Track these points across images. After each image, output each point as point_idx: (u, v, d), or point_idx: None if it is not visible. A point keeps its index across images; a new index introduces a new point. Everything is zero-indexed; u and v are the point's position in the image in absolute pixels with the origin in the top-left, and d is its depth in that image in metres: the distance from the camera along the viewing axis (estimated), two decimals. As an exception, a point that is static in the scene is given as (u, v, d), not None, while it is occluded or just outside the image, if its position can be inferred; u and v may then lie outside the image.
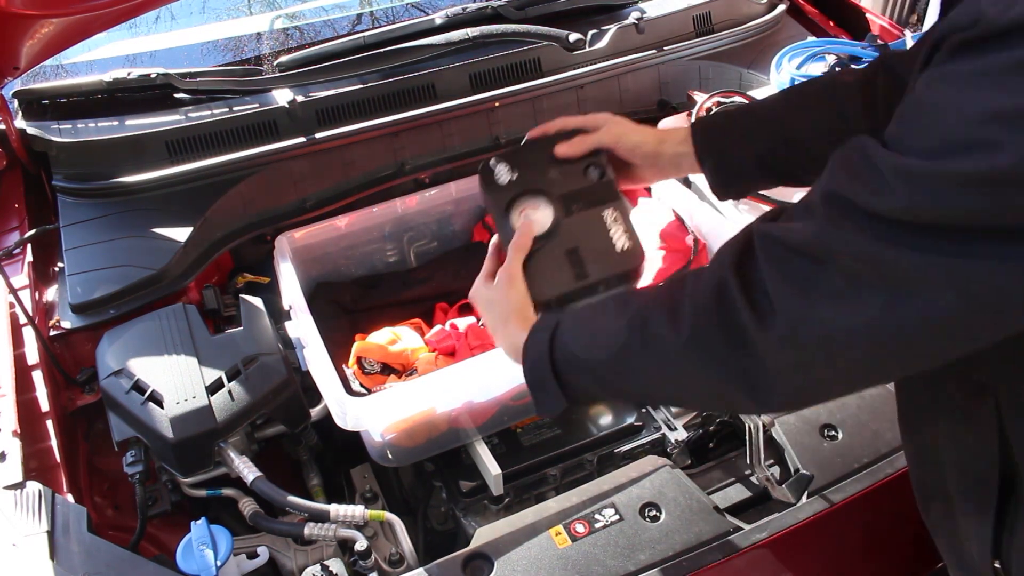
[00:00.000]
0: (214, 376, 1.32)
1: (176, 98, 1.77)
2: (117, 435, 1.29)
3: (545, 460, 1.42)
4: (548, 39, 1.86)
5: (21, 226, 1.69)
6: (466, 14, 1.89)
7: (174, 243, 1.54)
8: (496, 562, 1.17)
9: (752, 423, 1.36)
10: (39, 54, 1.56)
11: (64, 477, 1.27)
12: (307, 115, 1.71)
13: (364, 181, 1.74)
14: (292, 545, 1.28)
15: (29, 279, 1.55)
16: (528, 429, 1.46)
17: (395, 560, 1.26)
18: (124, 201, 1.62)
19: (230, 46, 2.15)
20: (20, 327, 1.45)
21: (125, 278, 1.49)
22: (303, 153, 1.71)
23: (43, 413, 1.34)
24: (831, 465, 1.31)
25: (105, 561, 1.11)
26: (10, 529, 1.11)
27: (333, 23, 2.30)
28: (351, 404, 1.25)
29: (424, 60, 1.83)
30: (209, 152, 1.67)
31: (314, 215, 1.70)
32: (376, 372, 1.53)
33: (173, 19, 2.25)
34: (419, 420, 1.34)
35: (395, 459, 1.40)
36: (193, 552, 1.14)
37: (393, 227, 1.72)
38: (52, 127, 1.69)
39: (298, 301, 1.42)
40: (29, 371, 1.40)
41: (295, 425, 1.40)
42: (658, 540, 1.21)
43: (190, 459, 1.29)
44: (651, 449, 1.44)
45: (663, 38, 1.98)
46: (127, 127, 1.69)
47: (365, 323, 1.64)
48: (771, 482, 1.33)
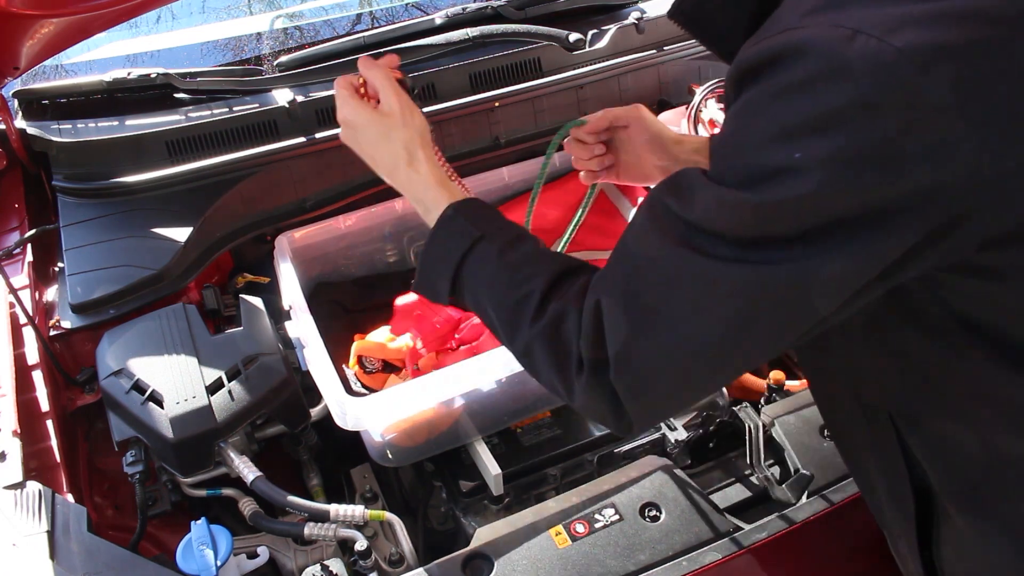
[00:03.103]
0: (214, 376, 1.32)
1: (176, 98, 1.77)
2: (117, 435, 1.29)
3: (545, 460, 1.42)
4: (548, 39, 1.86)
5: (21, 226, 1.69)
6: (466, 14, 1.89)
7: (174, 243, 1.54)
8: (496, 562, 1.17)
9: (752, 423, 1.36)
10: (39, 54, 1.56)
11: (64, 477, 1.27)
12: (307, 115, 1.71)
13: (364, 181, 1.74)
14: (292, 545, 1.28)
15: (29, 279, 1.55)
16: (528, 429, 1.46)
17: (395, 560, 1.26)
18: (124, 201, 1.62)
19: (230, 46, 2.15)
20: (20, 327, 1.45)
21: (125, 278, 1.49)
22: (303, 153, 1.70)
23: (43, 413, 1.34)
24: (831, 465, 1.31)
25: (105, 561, 1.11)
26: (10, 529, 1.11)
27: (333, 23, 2.30)
28: (351, 404, 1.25)
29: (424, 60, 1.83)
30: (209, 152, 1.67)
31: (314, 215, 1.70)
32: (378, 370, 1.53)
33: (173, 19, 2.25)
34: (419, 420, 1.34)
35: (395, 459, 1.40)
36: (193, 552, 1.14)
37: (393, 227, 1.72)
38: (52, 127, 1.69)
39: (298, 301, 1.42)
40: (29, 371, 1.39)
41: (295, 425, 1.40)
42: (658, 540, 1.21)
43: (190, 459, 1.29)
44: (651, 449, 1.44)
45: (663, 38, 1.98)
46: (127, 127, 1.69)
47: (365, 323, 1.64)
48: (771, 482, 1.33)
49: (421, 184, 1.03)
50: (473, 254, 0.95)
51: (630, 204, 1.77)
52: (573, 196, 1.79)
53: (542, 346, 0.88)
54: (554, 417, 1.48)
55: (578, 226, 1.44)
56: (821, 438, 1.35)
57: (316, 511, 1.26)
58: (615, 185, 1.79)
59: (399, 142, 1.04)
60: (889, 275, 0.73)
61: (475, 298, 0.96)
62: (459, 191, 1.04)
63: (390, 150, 1.05)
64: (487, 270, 0.94)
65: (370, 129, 1.06)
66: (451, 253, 0.96)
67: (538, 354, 0.89)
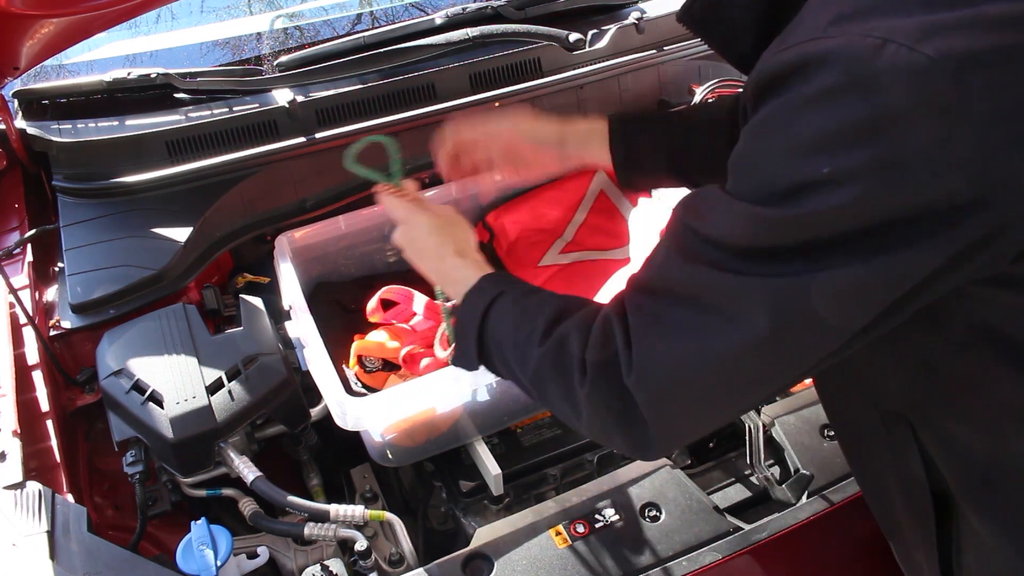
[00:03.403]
0: (214, 376, 1.32)
1: (176, 98, 1.77)
2: (117, 435, 1.29)
3: (545, 460, 1.42)
4: (548, 39, 1.86)
5: (21, 226, 1.69)
6: (466, 14, 1.89)
7: (174, 243, 1.54)
8: (496, 562, 1.17)
9: (752, 423, 1.36)
10: (39, 54, 1.55)
11: (64, 477, 1.27)
12: (307, 115, 1.71)
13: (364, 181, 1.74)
14: (292, 545, 1.28)
15: (29, 279, 1.55)
16: (528, 429, 1.46)
17: (395, 560, 1.26)
18: (124, 201, 1.62)
19: (230, 46, 2.15)
20: (20, 327, 1.45)
21: (125, 278, 1.49)
22: (303, 153, 1.70)
23: (43, 413, 1.34)
24: (831, 465, 1.31)
25: (105, 561, 1.11)
26: (10, 529, 1.11)
27: (333, 23, 2.30)
28: (351, 404, 1.25)
29: (424, 60, 1.83)
30: (209, 152, 1.67)
31: (314, 215, 1.70)
32: (378, 369, 1.53)
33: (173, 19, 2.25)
34: (419, 420, 1.34)
35: (395, 459, 1.40)
36: (193, 552, 1.14)
37: (393, 227, 1.72)
38: (52, 127, 1.69)
39: (298, 301, 1.42)
40: (29, 371, 1.39)
41: (295, 425, 1.40)
42: (658, 540, 1.21)
43: (190, 459, 1.29)
44: (651, 449, 1.44)
45: (663, 38, 1.98)
46: (127, 127, 1.69)
47: (365, 323, 1.63)
48: (771, 482, 1.33)
49: (463, 269, 1.08)
50: (494, 307, 1.00)
51: (630, 204, 1.77)
52: (573, 196, 1.79)
53: (548, 365, 0.89)
54: (554, 417, 1.48)
55: (578, 226, 1.44)
56: (821, 438, 1.35)
57: (316, 511, 1.26)
58: (615, 185, 1.79)
59: (454, 234, 1.13)
60: (919, 291, 0.71)
61: (498, 348, 0.99)
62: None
63: (442, 240, 1.12)
64: (506, 318, 0.98)
65: (429, 221, 1.14)
66: (476, 310, 1.01)
67: (546, 375, 0.90)
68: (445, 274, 1.12)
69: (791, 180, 0.69)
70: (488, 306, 1.01)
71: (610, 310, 0.87)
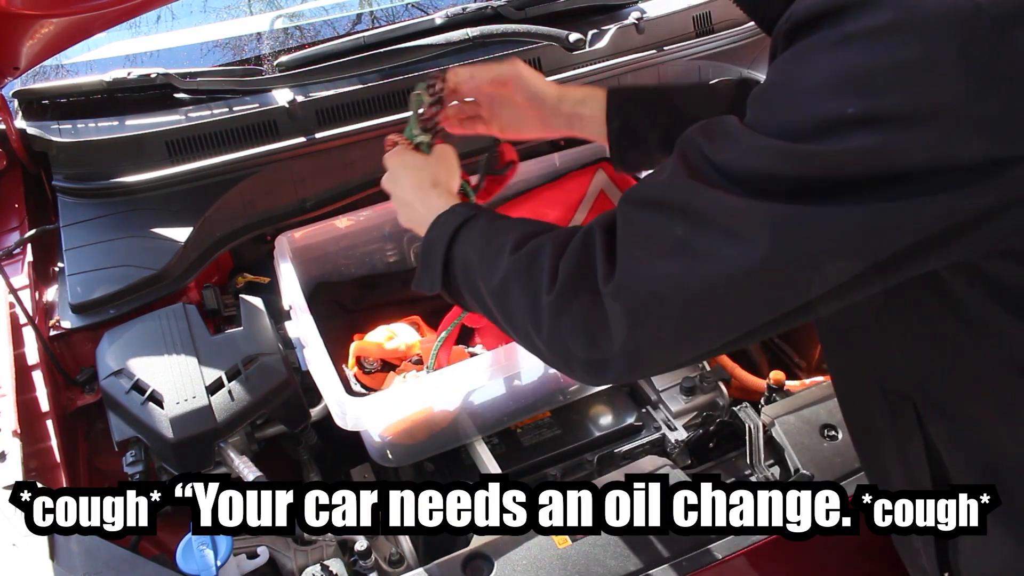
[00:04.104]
0: (214, 376, 1.32)
1: (176, 98, 1.77)
2: (117, 435, 1.29)
3: (545, 460, 1.42)
4: (548, 39, 1.86)
5: (21, 226, 1.69)
6: (466, 14, 1.89)
7: (174, 243, 1.54)
8: (496, 562, 1.17)
9: (752, 423, 1.36)
10: (39, 54, 1.55)
11: (64, 477, 1.27)
12: (307, 115, 1.71)
13: (364, 181, 1.74)
14: (292, 545, 1.28)
15: (29, 279, 1.55)
16: (528, 429, 1.46)
17: (395, 560, 1.26)
18: (124, 201, 1.62)
19: (230, 46, 2.15)
20: (20, 327, 1.45)
21: (125, 278, 1.49)
22: (303, 153, 1.70)
23: (43, 413, 1.34)
24: (831, 465, 1.31)
25: (105, 561, 1.11)
26: (10, 529, 1.11)
27: (333, 23, 2.30)
28: (351, 404, 1.25)
29: (424, 60, 1.83)
30: (209, 152, 1.67)
31: (314, 215, 1.70)
32: (377, 370, 1.53)
33: (173, 19, 2.25)
34: (419, 420, 1.34)
35: (395, 459, 1.40)
36: (193, 552, 1.14)
37: (393, 227, 1.72)
38: (52, 127, 1.69)
39: (298, 301, 1.42)
40: (29, 371, 1.39)
41: (295, 425, 1.40)
42: (658, 540, 1.20)
43: (190, 459, 1.29)
44: (651, 449, 1.44)
45: (663, 38, 1.98)
46: (127, 127, 1.69)
47: (365, 323, 1.64)
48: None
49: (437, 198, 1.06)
50: (465, 227, 0.97)
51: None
52: (573, 196, 1.79)
53: (516, 273, 0.85)
54: (554, 417, 1.48)
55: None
56: (821, 438, 1.35)
57: (316, 511, 1.26)
58: (615, 184, 1.79)
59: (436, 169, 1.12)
60: (918, 251, 0.69)
61: (465, 270, 0.95)
62: None
63: (422, 174, 1.11)
64: (476, 238, 0.95)
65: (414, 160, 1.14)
66: (446, 230, 0.98)
67: (511, 284, 0.86)
68: (420, 203, 1.07)
69: (817, 116, 0.67)
70: (459, 226, 0.97)
71: (595, 223, 0.83)
